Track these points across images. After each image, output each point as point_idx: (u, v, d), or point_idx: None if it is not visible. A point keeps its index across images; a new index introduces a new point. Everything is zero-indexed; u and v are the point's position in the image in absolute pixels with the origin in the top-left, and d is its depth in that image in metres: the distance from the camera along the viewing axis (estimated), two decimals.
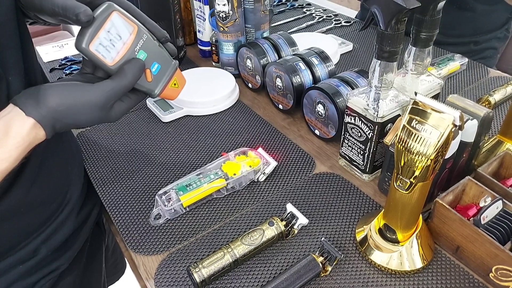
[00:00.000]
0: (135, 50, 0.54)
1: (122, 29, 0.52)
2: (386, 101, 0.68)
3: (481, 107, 0.66)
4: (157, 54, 0.57)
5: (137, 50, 0.54)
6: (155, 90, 0.58)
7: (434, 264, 0.62)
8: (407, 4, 0.56)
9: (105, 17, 0.50)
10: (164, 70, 0.58)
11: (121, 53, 0.53)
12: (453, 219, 0.60)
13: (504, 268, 0.56)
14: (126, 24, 0.52)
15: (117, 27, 0.51)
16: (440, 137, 0.49)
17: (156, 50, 0.56)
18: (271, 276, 0.62)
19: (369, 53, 1.23)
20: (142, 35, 0.54)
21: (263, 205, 0.73)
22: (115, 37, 0.52)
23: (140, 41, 0.54)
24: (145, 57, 0.55)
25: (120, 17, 0.52)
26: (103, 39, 0.51)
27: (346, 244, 0.66)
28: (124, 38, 0.52)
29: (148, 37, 0.55)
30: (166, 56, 0.58)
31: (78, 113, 0.51)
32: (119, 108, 0.56)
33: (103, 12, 0.50)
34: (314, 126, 0.89)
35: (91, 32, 0.50)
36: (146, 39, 0.54)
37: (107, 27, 0.51)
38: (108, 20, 0.50)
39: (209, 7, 1.14)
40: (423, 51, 0.71)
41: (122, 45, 0.52)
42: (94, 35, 0.50)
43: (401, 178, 0.55)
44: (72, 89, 0.51)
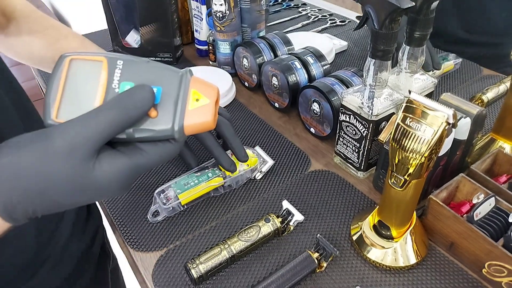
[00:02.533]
0: (114, 87, 0.39)
1: (86, 73, 0.39)
2: (380, 99, 0.68)
3: (474, 105, 0.67)
4: (149, 75, 0.40)
5: (116, 85, 0.39)
6: (171, 124, 0.39)
7: (428, 260, 0.63)
8: (401, 4, 0.57)
9: (60, 71, 0.39)
10: (169, 90, 0.40)
11: (98, 99, 0.39)
12: (446, 215, 0.61)
13: (497, 264, 0.57)
14: (89, 63, 0.39)
15: (78, 74, 0.39)
16: (433, 135, 0.49)
17: (146, 70, 0.40)
18: (267, 272, 0.62)
19: (364, 52, 1.24)
20: (116, 62, 0.40)
21: (259, 203, 0.74)
22: (81, 86, 0.39)
23: (116, 72, 0.39)
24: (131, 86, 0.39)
25: (77, 61, 0.39)
26: (68, 98, 0.38)
27: (341, 240, 0.67)
28: (93, 81, 0.39)
29: (126, 60, 0.40)
30: (165, 71, 0.40)
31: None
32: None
33: (56, 68, 0.39)
34: (310, 125, 0.90)
35: (51, 99, 0.38)
36: (123, 64, 0.40)
37: (68, 82, 0.39)
38: (64, 73, 0.39)
39: (206, 7, 1.14)
40: (417, 50, 0.72)
41: (96, 90, 0.39)
42: (55, 100, 0.38)
43: (395, 175, 0.55)
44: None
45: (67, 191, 0.37)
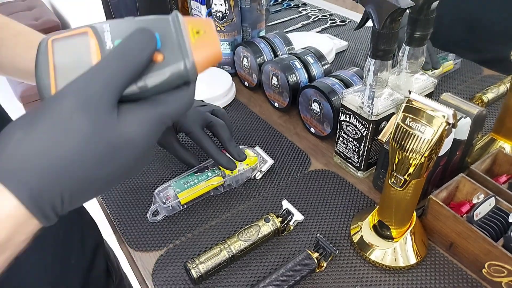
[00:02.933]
0: (108, 48, 0.37)
1: (73, 46, 0.37)
2: (380, 99, 0.68)
3: (474, 106, 0.67)
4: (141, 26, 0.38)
5: (110, 45, 0.37)
6: (182, 61, 0.37)
7: (428, 260, 0.63)
8: (401, 4, 0.57)
9: (44, 53, 0.36)
10: (166, 32, 0.38)
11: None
12: (446, 215, 0.61)
13: (497, 264, 0.57)
14: (73, 38, 0.37)
15: (66, 51, 0.37)
16: (433, 135, 0.49)
17: (136, 24, 0.38)
18: (267, 271, 0.62)
19: (364, 52, 1.24)
20: (102, 27, 0.38)
21: (259, 202, 0.74)
22: (72, 59, 0.36)
23: (106, 34, 0.37)
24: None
25: (59, 39, 0.37)
26: (63, 73, 0.36)
27: (341, 240, 0.67)
28: (83, 51, 0.37)
29: (112, 22, 0.38)
30: (154, 19, 0.39)
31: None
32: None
33: (39, 52, 0.36)
34: (310, 124, 0.90)
35: (43, 79, 0.36)
36: (110, 26, 0.38)
37: (56, 60, 0.36)
38: (50, 54, 0.36)
39: (206, 7, 1.14)
40: (417, 50, 0.72)
41: (90, 58, 0.36)
42: (48, 78, 0.35)
43: (395, 175, 0.56)
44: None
45: (95, 156, 0.32)
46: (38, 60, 0.36)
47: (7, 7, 3.18)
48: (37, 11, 3.14)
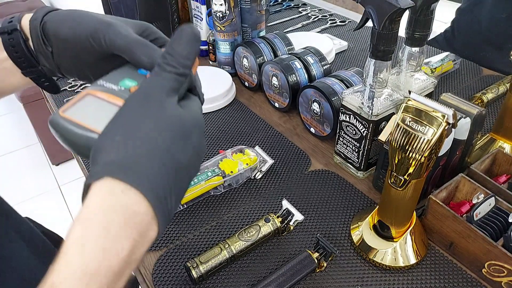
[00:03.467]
0: (117, 90, 0.40)
1: (86, 103, 0.39)
2: (380, 99, 0.68)
3: (474, 106, 0.67)
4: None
5: (117, 87, 0.40)
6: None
7: (428, 260, 0.63)
8: (401, 4, 0.57)
9: (62, 123, 0.37)
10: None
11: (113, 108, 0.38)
12: (446, 215, 0.61)
13: (496, 264, 0.57)
14: (81, 100, 0.39)
15: (81, 108, 0.38)
16: (433, 135, 0.49)
17: (126, 69, 0.43)
18: (267, 271, 0.62)
19: (364, 52, 1.24)
20: (97, 82, 0.41)
21: (259, 202, 0.74)
22: (94, 109, 0.38)
23: (106, 84, 0.40)
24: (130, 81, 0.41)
25: (69, 108, 0.38)
26: (90, 119, 0.37)
27: (341, 240, 0.67)
28: (99, 100, 0.39)
29: (104, 77, 0.41)
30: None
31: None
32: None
33: (57, 127, 0.37)
34: (310, 124, 0.90)
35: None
36: (103, 78, 0.41)
37: (77, 117, 0.37)
38: (67, 119, 0.37)
39: (206, 7, 1.15)
40: (417, 50, 0.72)
41: (108, 100, 0.39)
42: (82, 128, 0.37)
43: (395, 175, 0.56)
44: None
45: (181, 140, 0.35)
46: (62, 131, 0.37)
47: (7, 7, 3.18)
48: None
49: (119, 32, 0.41)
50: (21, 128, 2.86)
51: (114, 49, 0.41)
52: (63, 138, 0.37)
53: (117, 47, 0.41)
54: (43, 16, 0.44)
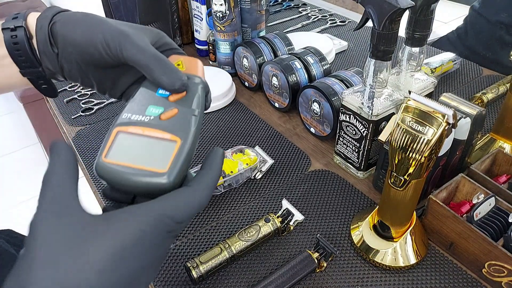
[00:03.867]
0: (147, 121, 0.38)
1: (123, 142, 0.37)
2: (380, 99, 0.68)
3: (474, 106, 0.67)
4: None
5: (145, 118, 0.38)
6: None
7: (428, 260, 0.63)
8: (401, 4, 0.57)
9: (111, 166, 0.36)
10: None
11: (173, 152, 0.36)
12: (446, 215, 0.61)
13: (496, 264, 0.57)
14: (116, 141, 0.37)
15: (124, 146, 0.37)
16: (433, 135, 0.49)
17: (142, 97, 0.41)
18: (267, 271, 0.62)
19: (364, 52, 1.24)
20: (122, 117, 0.39)
21: (259, 202, 0.74)
22: (135, 145, 0.37)
23: (132, 117, 0.39)
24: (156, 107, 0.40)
25: (107, 152, 0.37)
26: (138, 158, 0.36)
27: (341, 240, 0.67)
28: (134, 136, 0.37)
29: (126, 109, 0.40)
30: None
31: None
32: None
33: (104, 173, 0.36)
34: (310, 124, 0.90)
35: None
36: (125, 111, 0.39)
37: (126, 159, 0.36)
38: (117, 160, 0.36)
39: (206, 7, 1.15)
40: (417, 50, 0.72)
41: (146, 134, 0.37)
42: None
43: (395, 175, 0.56)
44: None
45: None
46: (117, 178, 0.35)
47: (7, 7, 3.18)
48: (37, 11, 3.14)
49: (137, 45, 0.40)
50: (21, 128, 2.86)
51: (131, 62, 0.40)
52: (120, 185, 0.35)
53: (135, 61, 0.40)
54: (53, 15, 0.43)
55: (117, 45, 0.40)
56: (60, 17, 0.43)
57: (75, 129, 0.97)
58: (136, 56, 0.40)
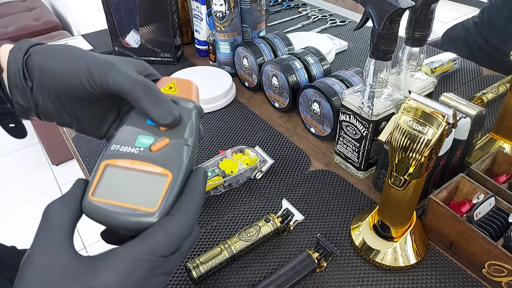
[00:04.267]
0: (136, 152, 0.37)
1: (117, 177, 0.36)
2: (380, 99, 0.69)
3: (474, 106, 0.67)
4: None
5: (135, 149, 0.37)
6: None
7: (428, 260, 0.63)
8: (401, 4, 0.57)
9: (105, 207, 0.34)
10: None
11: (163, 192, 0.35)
12: (446, 215, 0.61)
13: (496, 264, 0.57)
14: (106, 177, 0.36)
15: (117, 182, 0.36)
16: (433, 135, 0.49)
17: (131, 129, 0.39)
18: (268, 271, 0.62)
19: (364, 52, 1.24)
20: (110, 148, 0.37)
21: (259, 202, 0.74)
22: (126, 184, 0.35)
23: (121, 148, 0.37)
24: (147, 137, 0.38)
25: (96, 190, 0.35)
26: (130, 195, 0.35)
27: (341, 240, 0.67)
28: (126, 171, 0.36)
29: (113, 141, 0.38)
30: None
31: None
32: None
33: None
34: (310, 124, 0.90)
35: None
36: (113, 143, 0.38)
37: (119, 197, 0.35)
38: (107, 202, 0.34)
39: (206, 7, 1.15)
40: (417, 50, 0.72)
41: (137, 168, 0.36)
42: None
43: (395, 175, 0.56)
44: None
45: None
46: (105, 218, 0.34)
47: (7, 7, 3.18)
48: (37, 11, 3.14)
49: (123, 72, 0.37)
50: None
51: (116, 91, 0.37)
52: (108, 225, 0.34)
53: (121, 89, 0.37)
54: (29, 48, 0.40)
55: (102, 73, 0.37)
56: (38, 49, 0.40)
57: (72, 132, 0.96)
58: (122, 84, 0.37)
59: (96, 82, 0.37)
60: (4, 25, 2.87)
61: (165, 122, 0.37)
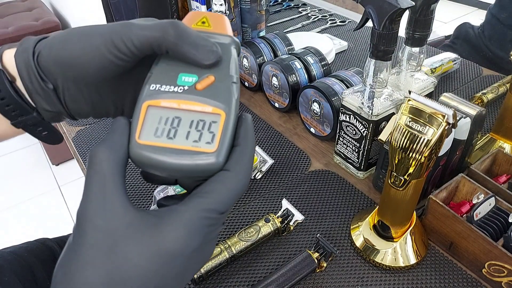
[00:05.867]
0: (179, 90, 0.33)
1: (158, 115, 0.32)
2: (380, 99, 0.68)
3: (474, 106, 0.67)
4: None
5: (177, 88, 0.33)
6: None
7: (428, 260, 0.63)
8: (401, 4, 0.57)
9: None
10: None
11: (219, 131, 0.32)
12: (446, 215, 0.61)
13: (496, 264, 0.57)
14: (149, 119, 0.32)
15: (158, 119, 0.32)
16: (433, 135, 0.49)
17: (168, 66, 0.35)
18: (267, 272, 0.62)
19: (364, 52, 1.24)
20: (144, 90, 0.33)
21: (259, 202, 0.74)
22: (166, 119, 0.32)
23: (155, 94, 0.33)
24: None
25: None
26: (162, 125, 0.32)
27: (341, 240, 0.67)
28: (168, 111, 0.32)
29: (148, 84, 0.34)
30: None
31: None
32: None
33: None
34: (310, 124, 0.90)
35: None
36: (146, 88, 0.33)
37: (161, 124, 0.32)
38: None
39: (206, 7, 1.14)
40: (417, 50, 0.72)
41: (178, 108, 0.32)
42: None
43: (395, 175, 0.56)
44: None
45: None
46: (159, 164, 0.31)
47: (7, 7, 3.18)
48: (37, 11, 3.14)
49: (145, 25, 0.33)
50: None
51: (148, 47, 0.33)
52: (162, 170, 0.32)
53: (153, 42, 0.33)
54: (34, 45, 0.35)
55: (123, 37, 0.33)
56: (44, 44, 0.35)
57: (75, 129, 0.97)
58: (149, 37, 0.33)
59: (121, 49, 0.33)
60: (4, 25, 2.87)
61: (209, 62, 0.33)
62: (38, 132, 0.39)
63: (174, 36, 0.32)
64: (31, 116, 0.37)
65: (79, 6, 2.90)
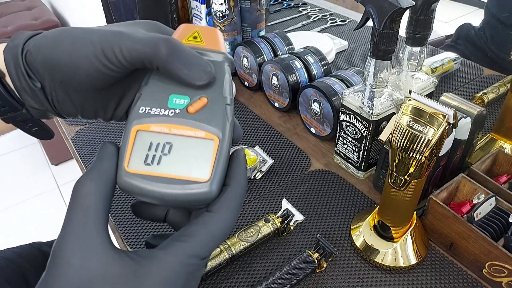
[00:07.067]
0: (169, 107, 0.32)
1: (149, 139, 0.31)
2: (380, 99, 0.68)
3: (475, 106, 0.67)
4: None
5: (168, 111, 0.32)
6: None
7: (428, 260, 0.63)
8: (402, 4, 0.57)
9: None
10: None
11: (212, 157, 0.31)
12: (447, 216, 0.61)
13: (497, 264, 0.57)
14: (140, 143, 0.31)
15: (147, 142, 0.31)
16: (434, 135, 0.49)
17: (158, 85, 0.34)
18: (267, 272, 0.62)
19: (364, 52, 1.24)
20: (132, 118, 0.32)
21: (259, 202, 0.74)
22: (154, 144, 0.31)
23: (141, 121, 0.32)
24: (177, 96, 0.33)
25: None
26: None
27: (341, 240, 0.67)
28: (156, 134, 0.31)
29: (135, 109, 0.32)
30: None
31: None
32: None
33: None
34: (310, 124, 0.90)
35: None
36: (133, 113, 0.32)
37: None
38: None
39: (206, 6, 1.14)
40: (418, 49, 0.72)
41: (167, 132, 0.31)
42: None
43: (395, 175, 0.55)
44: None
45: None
46: (148, 193, 0.30)
47: (7, 7, 3.18)
48: (36, 11, 3.14)
49: (138, 38, 0.32)
50: None
51: (138, 61, 0.32)
52: (153, 199, 0.30)
53: (143, 58, 0.32)
54: (24, 42, 0.34)
55: (113, 48, 0.32)
56: (35, 42, 0.34)
57: (74, 128, 0.96)
58: (140, 51, 0.31)
59: (111, 61, 0.32)
60: (3, 24, 2.87)
61: (202, 83, 0.32)
62: (28, 128, 0.39)
63: (166, 54, 0.31)
64: (20, 112, 0.36)
65: (78, 5, 2.90)
